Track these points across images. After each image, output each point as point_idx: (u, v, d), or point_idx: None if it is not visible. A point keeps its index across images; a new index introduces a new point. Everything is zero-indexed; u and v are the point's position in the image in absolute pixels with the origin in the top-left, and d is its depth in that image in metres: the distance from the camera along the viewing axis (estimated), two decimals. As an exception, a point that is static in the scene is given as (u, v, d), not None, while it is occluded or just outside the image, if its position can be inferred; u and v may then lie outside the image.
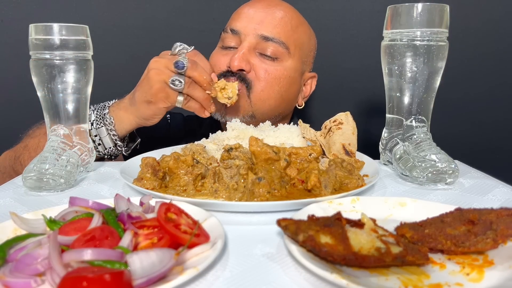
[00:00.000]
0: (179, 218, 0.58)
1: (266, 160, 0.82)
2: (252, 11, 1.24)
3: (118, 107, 1.10)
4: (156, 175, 0.83)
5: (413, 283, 0.50)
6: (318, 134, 1.02)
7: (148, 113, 1.05)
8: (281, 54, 1.22)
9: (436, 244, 0.57)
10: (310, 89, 1.40)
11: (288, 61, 1.24)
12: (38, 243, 0.53)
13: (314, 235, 0.52)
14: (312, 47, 1.36)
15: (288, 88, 1.27)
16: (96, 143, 1.08)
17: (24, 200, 0.80)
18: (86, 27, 0.90)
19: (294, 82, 1.29)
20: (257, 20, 1.21)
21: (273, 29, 1.21)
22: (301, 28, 1.28)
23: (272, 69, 1.22)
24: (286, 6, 1.28)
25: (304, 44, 1.29)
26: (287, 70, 1.24)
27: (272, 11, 1.23)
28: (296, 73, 1.29)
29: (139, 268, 0.47)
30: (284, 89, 1.25)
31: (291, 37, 1.24)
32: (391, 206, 0.71)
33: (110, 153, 1.12)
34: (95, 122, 1.07)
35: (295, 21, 1.26)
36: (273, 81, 1.22)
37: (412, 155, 0.91)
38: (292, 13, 1.28)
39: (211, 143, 1.05)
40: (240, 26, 1.22)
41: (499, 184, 0.90)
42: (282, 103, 1.28)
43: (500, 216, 0.60)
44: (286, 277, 0.53)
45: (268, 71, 1.21)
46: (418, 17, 0.90)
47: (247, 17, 1.23)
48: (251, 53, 1.21)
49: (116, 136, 1.09)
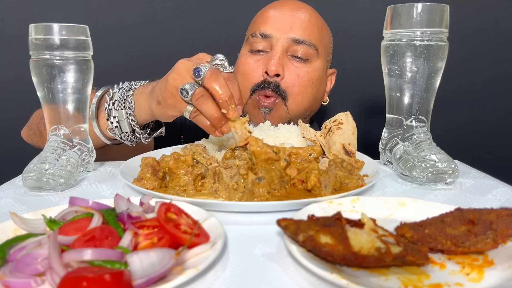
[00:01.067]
0: (179, 218, 0.58)
1: (266, 160, 0.82)
2: (279, 14, 1.25)
3: (141, 92, 1.02)
4: (156, 175, 0.83)
5: (413, 283, 0.50)
6: (318, 134, 1.02)
7: (157, 111, 0.98)
8: (311, 56, 1.25)
9: (436, 244, 0.57)
10: (331, 85, 1.43)
11: (317, 61, 1.27)
12: (38, 243, 0.53)
13: (314, 235, 0.52)
14: (331, 44, 1.40)
15: (319, 88, 1.32)
16: (113, 124, 1.02)
17: (24, 200, 0.80)
18: (86, 27, 0.90)
19: (322, 81, 1.33)
20: (286, 23, 1.23)
21: (303, 32, 1.24)
22: (325, 28, 1.33)
23: (303, 72, 1.25)
24: (309, 8, 1.31)
25: (328, 44, 1.34)
26: (317, 71, 1.28)
27: (298, 14, 1.26)
28: (323, 72, 1.33)
29: (139, 268, 0.47)
30: (316, 89, 1.29)
31: (319, 38, 1.27)
32: (391, 206, 0.71)
33: (127, 138, 1.05)
34: (117, 103, 1.01)
35: (319, 22, 1.30)
36: (306, 84, 1.25)
37: (412, 155, 0.91)
38: (316, 15, 1.31)
39: (211, 143, 1.05)
40: (271, 30, 1.24)
41: (499, 184, 0.90)
42: (314, 103, 1.33)
43: (500, 216, 0.60)
44: (286, 277, 0.53)
45: (300, 75, 1.24)
46: (418, 17, 0.90)
47: (275, 21, 1.25)
48: (284, 57, 1.24)
49: (134, 122, 1.01)
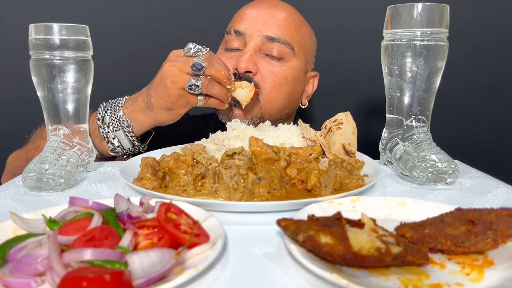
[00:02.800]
0: (179, 218, 0.58)
1: (266, 160, 0.82)
2: (255, 12, 1.24)
3: (133, 109, 1.08)
4: (156, 175, 0.83)
5: (413, 283, 0.50)
6: (318, 134, 1.02)
7: (168, 118, 1.06)
8: (286, 55, 1.23)
9: (436, 244, 0.57)
10: (312, 88, 1.40)
11: (293, 61, 1.25)
12: (38, 243, 0.53)
13: (314, 235, 0.52)
14: (314, 46, 1.37)
15: (294, 88, 1.28)
16: (115, 145, 1.09)
17: (24, 200, 0.80)
18: (86, 27, 0.90)
19: (299, 82, 1.30)
20: (261, 21, 1.21)
21: (278, 30, 1.21)
22: (304, 28, 1.29)
23: (278, 70, 1.22)
24: (288, 7, 1.29)
25: (307, 44, 1.30)
26: (293, 70, 1.25)
27: (275, 12, 1.24)
28: (301, 73, 1.30)
29: (139, 268, 0.47)
30: (291, 89, 1.26)
31: (295, 37, 1.25)
32: (391, 206, 0.71)
33: (128, 153, 1.12)
34: (111, 125, 1.06)
35: (298, 21, 1.27)
36: (280, 82, 1.23)
37: (412, 155, 0.91)
38: (295, 14, 1.29)
39: (211, 143, 1.05)
40: (245, 28, 1.22)
41: (499, 184, 0.90)
42: (289, 103, 1.30)
43: (500, 216, 0.60)
44: (286, 277, 0.53)
45: (274, 72, 1.22)
46: (418, 17, 0.90)
47: (250, 18, 1.23)
48: (257, 55, 1.21)
49: (134, 137, 1.09)
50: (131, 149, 1.11)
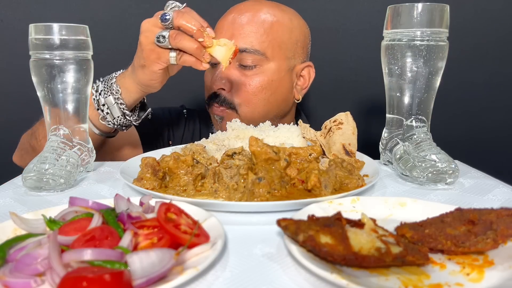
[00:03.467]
0: (179, 218, 0.58)
1: (266, 160, 0.82)
2: (224, 24, 1.25)
3: (123, 75, 1.07)
4: (156, 175, 0.83)
5: (413, 283, 0.50)
6: (318, 134, 1.02)
7: (144, 77, 1.02)
8: (259, 61, 1.23)
9: (436, 244, 0.57)
10: (308, 79, 1.36)
11: (268, 65, 1.24)
12: (38, 243, 0.53)
13: (314, 235, 0.52)
14: (298, 38, 1.31)
15: (274, 92, 1.27)
16: (104, 112, 1.06)
17: (24, 200, 0.80)
18: (86, 27, 0.90)
19: (280, 83, 1.28)
20: (228, 34, 1.22)
21: (245, 40, 1.21)
22: (276, 27, 1.25)
23: (250, 80, 1.23)
24: (255, 10, 1.25)
25: (283, 41, 1.26)
26: (268, 75, 1.24)
27: (241, 20, 1.23)
28: (281, 73, 1.27)
29: (139, 268, 0.47)
30: (269, 94, 1.26)
31: (265, 41, 1.23)
32: (391, 206, 0.71)
33: (119, 123, 1.09)
34: (103, 92, 1.05)
35: (267, 22, 1.24)
36: (255, 91, 1.24)
37: (412, 155, 0.91)
38: (263, 15, 1.25)
39: (211, 143, 1.05)
40: None
41: (499, 184, 0.90)
42: (271, 107, 1.29)
43: (500, 216, 0.60)
44: (286, 277, 0.53)
45: (246, 83, 1.23)
46: (418, 17, 0.90)
47: (221, 32, 1.25)
48: (229, 68, 1.22)
49: (123, 105, 1.06)
50: (121, 118, 1.07)
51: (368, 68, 1.55)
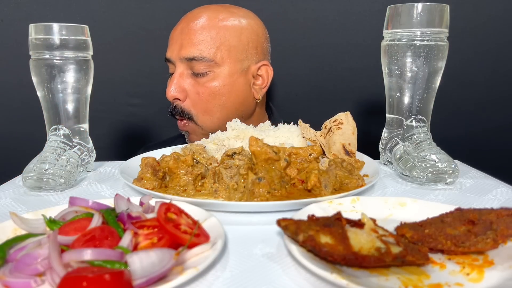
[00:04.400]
0: (179, 218, 0.58)
1: (266, 160, 0.82)
2: (174, 35, 1.27)
3: None
4: (156, 175, 0.83)
5: (413, 283, 0.50)
6: (318, 134, 1.02)
7: None
8: (208, 67, 1.23)
9: (436, 244, 0.57)
10: (267, 78, 1.34)
11: (219, 70, 1.24)
12: (38, 243, 0.53)
13: (314, 235, 0.52)
14: (249, 38, 1.28)
15: (229, 96, 1.26)
16: None
17: (24, 200, 0.80)
18: (86, 27, 0.90)
19: (233, 86, 1.26)
20: (178, 45, 1.24)
21: (192, 49, 1.22)
22: (223, 31, 1.24)
23: (203, 88, 1.24)
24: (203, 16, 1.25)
25: (232, 44, 1.25)
26: (220, 81, 1.24)
27: (188, 30, 1.24)
28: (233, 77, 1.26)
29: (139, 268, 0.47)
30: (224, 99, 1.26)
31: (212, 47, 1.22)
32: (391, 206, 0.71)
33: None
34: None
35: (214, 28, 1.23)
36: (208, 98, 1.24)
37: (412, 155, 0.91)
38: (210, 21, 1.24)
39: (211, 143, 1.05)
40: (169, 55, 1.27)
41: (499, 184, 0.90)
42: (229, 112, 1.28)
43: (500, 216, 0.60)
44: (286, 277, 0.53)
45: (200, 92, 1.24)
46: (418, 17, 0.90)
47: (172, 43, 1.27)
48: (183, 78, 1.24)
49: None
50: None
51: (368, 68, 1.55)
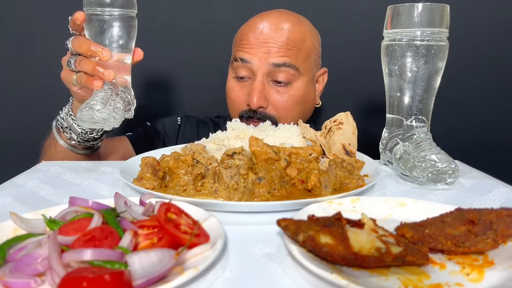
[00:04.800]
0: (179, 218, 0.58)
1: (266, 160, 0.82)
2: (255, 39, 1.25)
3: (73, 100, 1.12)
4: (156, 174, 0.83)
5: (413, 283, 0.50)
6: (318, 134, 1.02)
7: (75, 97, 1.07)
8: (292, 77, 1.25)
9: (436, 244, 0.57)
10: (323, 83, 1.43)
11: (299, 80, 1.28)
12: (38, 243, 0.53)
13: (314, 235, 0.52)
14: (318, 48, 1.36)
15: (306, 103, 1.33)
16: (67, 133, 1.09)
17: (24, 200, 0.80)
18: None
19: (308, 94, 1.33)
20: (264, 48, 1.23)
21: (282, 55, 1.23)
22: (306, 40, 1.28)
23: (286, 97, 1.26)
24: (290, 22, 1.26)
25: (310, 53, 1.30)
26: (301, 90, 1.28)
27: (276, 35, 1.23)
28: (309, 85, 1.32)
29: (139, 268, 0.47)
30: (302, 106, 1.31)
31: (299, 56, 1.25)
32: (391, 206, 0.71)
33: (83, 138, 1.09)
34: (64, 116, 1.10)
35: (299, 35, 1.26)
36: (291, 106, 1.28)
37: (412, 155, 0.91)
38: (295, 29, 1.26)
39: (211, 143, 1.05)
40: (250, 56, 1.24)
41: (499, 184, 0.90)
42: (304, 116, 1.36)
43: (500, 216, 0.60)
44: (286, 277, 0.53)
45: (283, 100, 1.27)
46: (418, 17, 0.90)
47: (254, 45, 1.24)
48: (265, 86, 1.25)
49: None
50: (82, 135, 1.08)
51: (368, 68, 1.55)
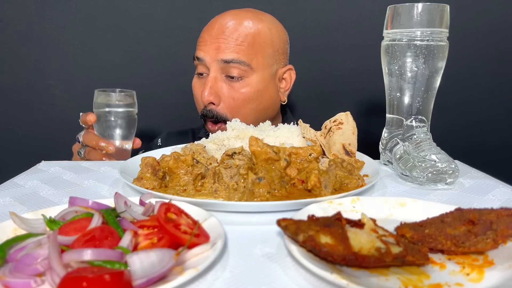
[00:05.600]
0: (179, 218, 0.58)
1: (266, 160, 0.82)
2: (208, 37, 1.27)
3: None
4: (156, 174, 0.83)
5: (413, 283, 0.50)
6: (318, 134, 1.02)
7: None
8: (245, 73, 1.26)
9: (436, 244, 0.57)
10: (290, 81, 1.40)
11: (252, 76, 1.27)
12: (38, 243, 0.53)
13: (314, 235, 0.52)
14: (278, 45, 1.33)
15: (261, 101, 1.31)
16: None
17: (24, 200, 0.80)
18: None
19: (264, 91, 1.31)
20: (214, 46, 1.25)
21: (231, 52, 1.24)
22: (259, 37, 1.27)
23: (238, 93, 1.27)
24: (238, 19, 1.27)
25: (265, 50, 1.29)
26: (254, 86, 1.27)
27: (226, 33, 1.25)
28: (265, 82, 1.30)
29: (139, 268, 0.47)
30: (256, 103, 1.29)
31: (251, 52, 1.25)
32: (391, 206, 0.71)
33: None
34: None
35: (251, 33, 1.26)
36: (243, 103, 1.28)
37: (412, 155, 0.91)
38: (247, 26, 1.26)
39: (211, 143, 1.05)
40: (203, 54, 1.27)
41: (499, 184, 0.90)
42: (260, 115, 1.33)
43: (500, 216, 0.60)
44: (286, 277, 0.53)
45: (235, 97, 1.27)
46: (418, 17, 0.90)
47: (205, 43, 1.27)
48: (217, 81, 1.26)
49: None
50: None
51: (368, 68, 1.55)
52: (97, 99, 1.21)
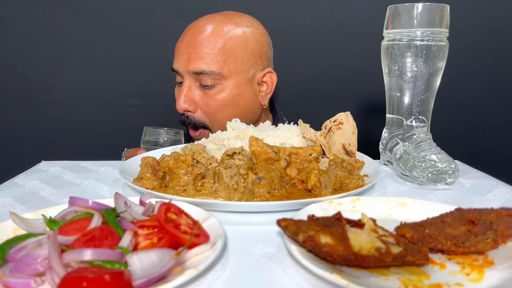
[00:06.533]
0: (179, 218, 0.58)
1: (266, 160, 0.82)
2: (180, 48, 1.28)
3: None
4: (156, 174, 0.83)
5: (413, 283, 0.50)
6: (318, 134, 1.02)
7: None
8: (217, 80, 1.25)
9: (436, 244, 0.57)
10: (271, 85, 1.37)
11: (226, 82, 1.26)
12: (38, 243, 0.53)
13: (314, 235, 0.52)
14: (254, 48, 1.29)
15: (237, 106, 1.29)
16: None
17: (24, 200, 0.80)
18: None
19: (240, 96, 1.29)
20: (185, 58, 1.25)
21: (199, 64, 1.23)
22: (230, 42, 1.25)
23: (212, 100, 1.27)
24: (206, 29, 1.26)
25: (238, 56, 1.26)
26: (228, 92, 1.27)
27: (194, 44, 1.24)
28: (240, 87, 1.28)
29: (139, 268, 0.47)
30: (232, 108, 1.29)
31: (220, 60, 1.24)
32: (391, 206, 0.71)
33: None
34: None
35: (219, 42, 1.24)
36: (218, 109, 1.28)
37: (412, 155, 0.91)
38: (219, 33, 1.25)
39: (211, 142, 1.05)
40: (176, 67, 1.28)
41: (499, 184, 0.90)
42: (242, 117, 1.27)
43: (500, 216, 0.60)
44: (286, 277, 0.53)
45: (209, 104, 1.27)
46: (418, 17, 0.90)
47: (177, 55, 1.28)
48: (192, 90, 1.27)
49: None
50: None
51: (368, 68, 1.55)
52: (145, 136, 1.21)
